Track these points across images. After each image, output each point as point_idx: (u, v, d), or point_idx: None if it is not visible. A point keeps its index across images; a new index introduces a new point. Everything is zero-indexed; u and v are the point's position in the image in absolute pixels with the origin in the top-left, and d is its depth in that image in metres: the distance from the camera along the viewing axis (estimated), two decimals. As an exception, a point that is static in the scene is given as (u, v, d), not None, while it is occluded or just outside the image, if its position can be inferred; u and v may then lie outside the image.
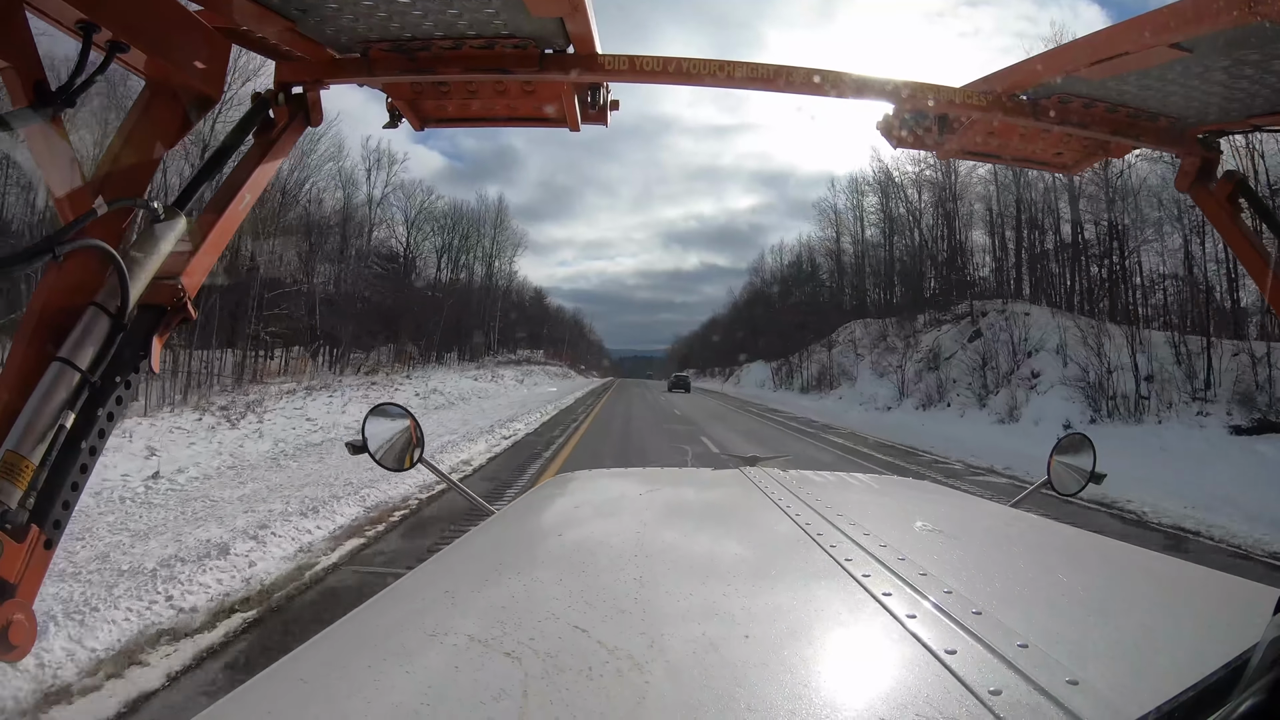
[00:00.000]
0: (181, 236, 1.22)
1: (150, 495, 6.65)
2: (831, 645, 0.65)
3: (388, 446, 1.66)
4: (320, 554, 5.02)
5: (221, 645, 3.49)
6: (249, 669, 3.13)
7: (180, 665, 3.25)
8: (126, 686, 3.01)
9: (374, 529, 5.76)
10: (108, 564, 4.35)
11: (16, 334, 1.09)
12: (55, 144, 1.09)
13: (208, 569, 4.25)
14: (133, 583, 3.94)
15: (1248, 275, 1.66)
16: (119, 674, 3.09)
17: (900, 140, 1.69)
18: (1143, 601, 0.82)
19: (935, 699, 0.53)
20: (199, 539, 4.94)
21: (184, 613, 3.70)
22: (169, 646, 3.39)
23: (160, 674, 3.15)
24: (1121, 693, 0.54)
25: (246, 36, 1.33)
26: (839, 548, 0.88)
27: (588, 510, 1.29)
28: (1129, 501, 7.87)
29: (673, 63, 1.48)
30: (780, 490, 1.25)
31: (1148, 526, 7.02)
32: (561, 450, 11.42)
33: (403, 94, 1.58)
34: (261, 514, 5.77)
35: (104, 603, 3.60)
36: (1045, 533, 1.17)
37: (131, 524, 5.51)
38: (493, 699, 0.53)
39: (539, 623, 0.66)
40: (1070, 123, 1.58)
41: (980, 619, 0.65)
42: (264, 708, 0.58)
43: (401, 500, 6.62)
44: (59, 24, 1.07)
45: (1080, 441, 1.71)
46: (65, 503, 1.05)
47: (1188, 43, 1.24)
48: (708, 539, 1.08)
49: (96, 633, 3.31)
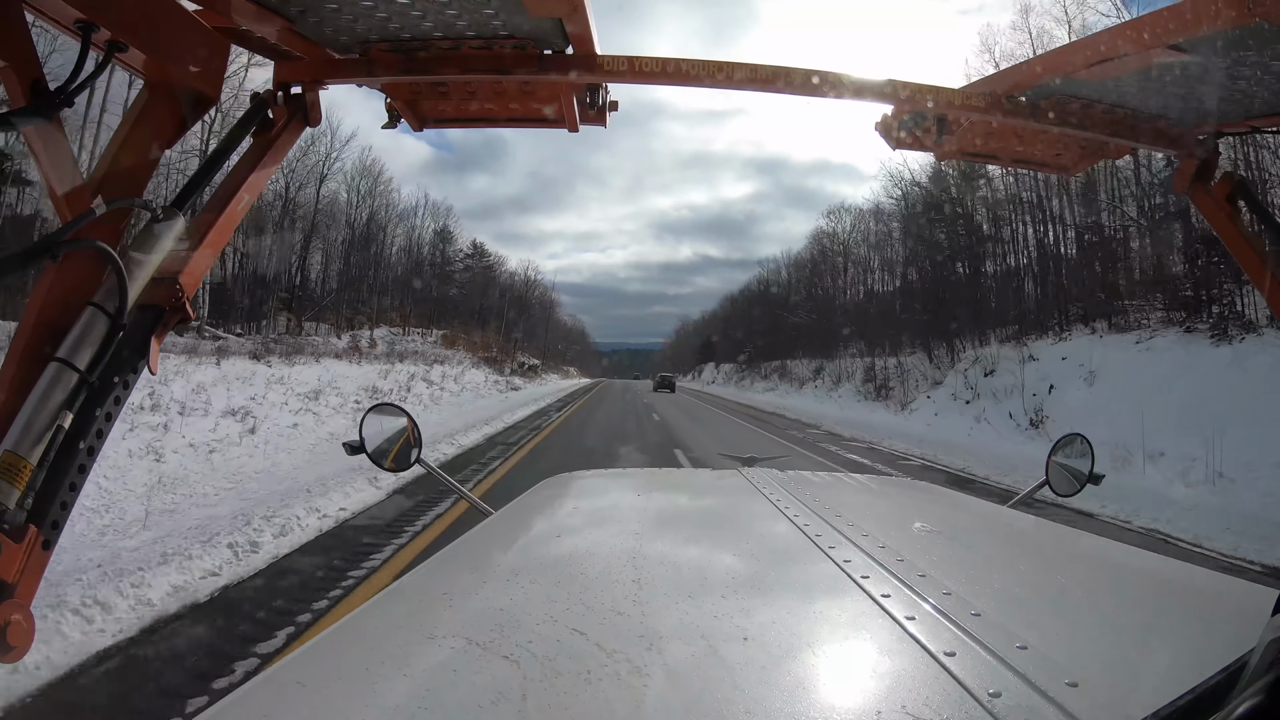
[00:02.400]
0: (180, 237, 1.22)
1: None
2: (830, 647, 0.64)
3: (386, 446, 1.66)
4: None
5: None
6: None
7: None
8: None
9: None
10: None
11: (15, 334, 1.09)
12: (54, 144, 1.09)
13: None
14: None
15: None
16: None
17: (899, 141, 1.69)
18: (1142, 603, 0.82)
19: (934, 701, 0.53)
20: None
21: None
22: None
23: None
24: (1121, 694, 0.54)
25: (245, 36, 1.32)
26: (837, 549, 0.87)
27: (586, 512, 1.29)
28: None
29: (671, 64, 1.48)
30: (778, 491, 1.25)
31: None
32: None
33: (401, 94, 1.58)
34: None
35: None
36: (1044, 534, 1.17)
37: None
38: (490, 702, 0.53)
39: (537, 625, 0.66)
40: (1069, 124, 1.58)
41: (979, 620, 0.65)
42: (261, 711, 0.58)
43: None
44: (58, 23, 1.06)
45: (1078, 442, 1.71)
46: (63, 503, 1.05)
47: (1186, 44, 1.24)
48: (706, 540, 1.08)
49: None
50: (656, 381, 43.78)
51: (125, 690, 2.77)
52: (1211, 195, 1.58)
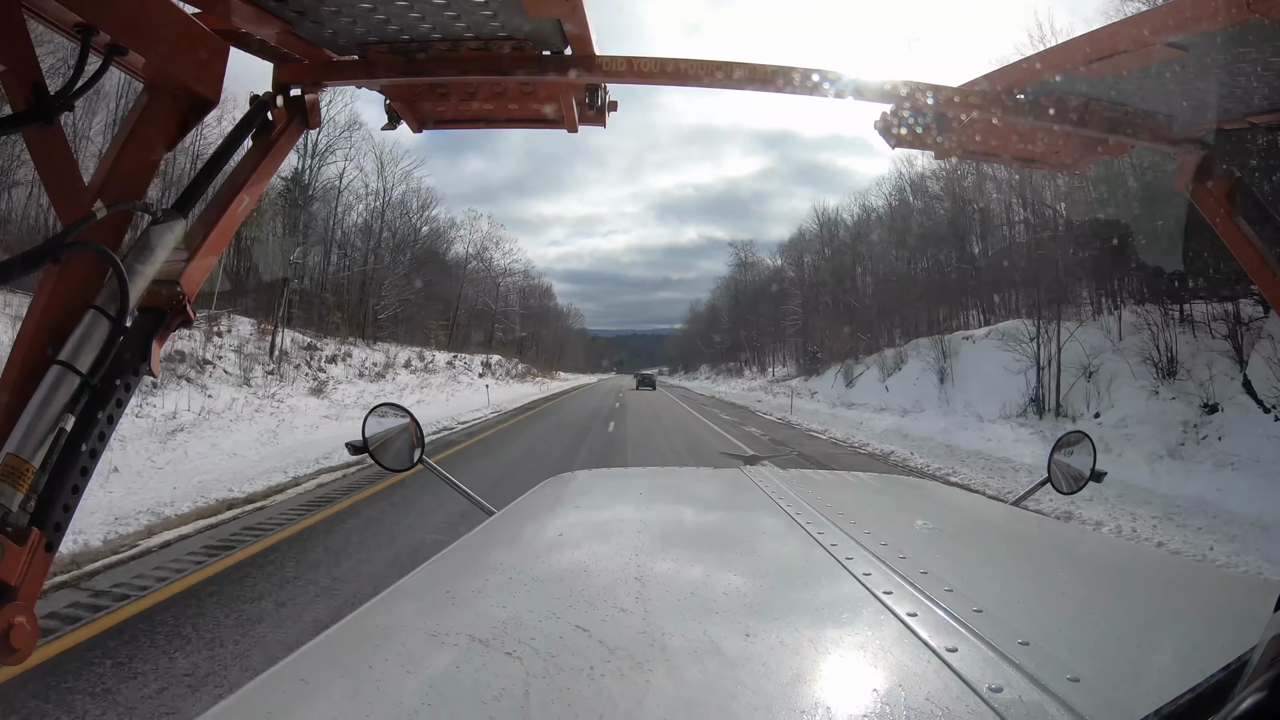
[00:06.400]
0: (181, 239, 1.22)
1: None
2: (833, 644, 0.65)
3: (388, 446, 1.66)
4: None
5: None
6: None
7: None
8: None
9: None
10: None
11: (17, 337, 1.09)
12: (54, 147, 1.09)
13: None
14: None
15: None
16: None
17: (899, 139, 1.69)
18: (1143, 599, 0.82)
19: (936, 697, 0.53)
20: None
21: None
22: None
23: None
24: (1122, 690, 0.55)
25: (244, 39, 1.33)
26: (839, 546, 0.88)
27: (588, 510, 1.29)
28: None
29: (670, 64, 1.49)
30: (780, 489, 1.25)
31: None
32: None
33: (401, 95, 1.58)
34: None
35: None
36: (1046, 531, 1.17)
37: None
38: (494, 699, 0.53)
39: (540, 622, 0.66)
40: (1068, 121, 1.58)
41: (981, 617, 0.65)
42: (265, 708, 0.58)
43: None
44: (57, 27, 1.06)
45: (1079, 440, 1.70)
46: (65, 505, 1.05)
47: (1186, 40, 1.24)
48: (708, 538, 1.08)
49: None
50: (638, 379, 54.30)
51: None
52: (1211, 193, 1.58)
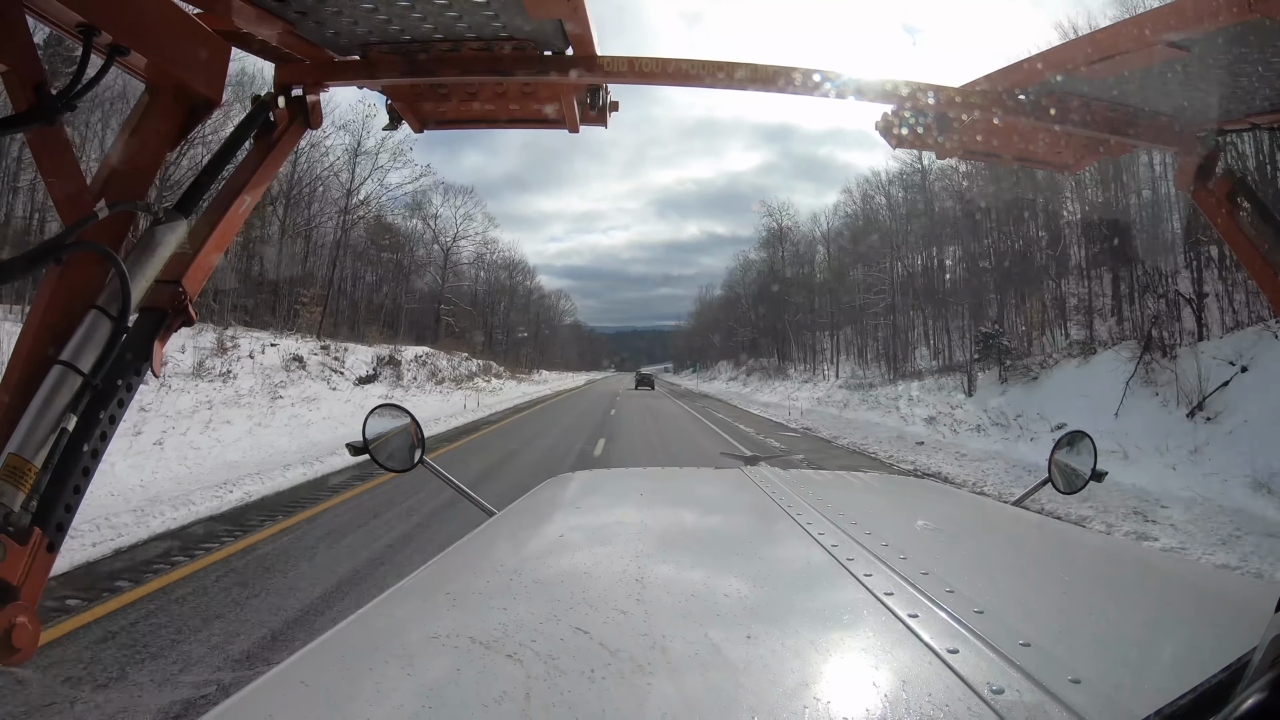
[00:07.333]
0: (182, 239, 1.22)
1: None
2: (834, 645, 0.65)
3: (389, 447, 1.66)
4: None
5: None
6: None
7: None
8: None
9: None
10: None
11: (19, 338, 1.09)
12: (56, 147, 1.09)
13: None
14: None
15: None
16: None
17: (899, 140, 1.69)
18: (1144, 600, 0.82)
19: (937, 698, 0.53)
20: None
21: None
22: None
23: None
24: (1124, 691, 0.54)
25: (246, 39, 1.33)
26: (840, 547, 0.87)
27: (588, 511, 1.29)
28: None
29: (671, 64, 1.49)
30: (781, 490, 1.25)
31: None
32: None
33: (402, 96, 1.58)
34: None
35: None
36: (1047, 532, 1.17)
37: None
38: (494, 701, 0.53)
39: (540, 624, 0.66)
40: (1069, 121, 1.58)
41: (982, 618, 0.65)
42: (266, 710, 0.58)
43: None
44: (59, 27, 1.06)
45: (1080, 439, 1.70)
46: (67, 505, 1.05)
47: (1187, 41, 1.24)
48: (709, 539, 1.08)
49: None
50: (638, 378, 56.15)
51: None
52: (1212, 193, 1.58)
